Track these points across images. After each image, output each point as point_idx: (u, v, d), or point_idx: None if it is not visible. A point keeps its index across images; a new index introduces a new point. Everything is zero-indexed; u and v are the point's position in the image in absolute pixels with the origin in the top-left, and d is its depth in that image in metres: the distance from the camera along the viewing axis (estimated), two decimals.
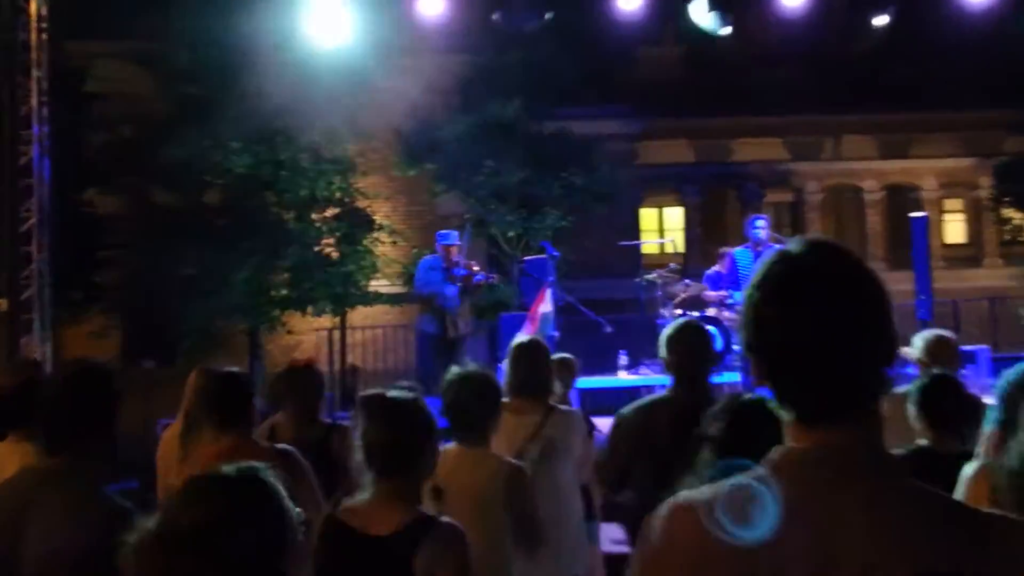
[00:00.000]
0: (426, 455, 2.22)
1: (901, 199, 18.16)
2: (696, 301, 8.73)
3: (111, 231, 12.07)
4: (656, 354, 3.29)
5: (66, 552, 2.02)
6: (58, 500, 2.10)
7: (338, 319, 12.26)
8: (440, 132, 12.11)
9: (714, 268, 8.64)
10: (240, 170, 10.92)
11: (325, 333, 12.39)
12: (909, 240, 10.50)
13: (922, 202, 17.72)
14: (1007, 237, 18.35)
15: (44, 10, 7.91)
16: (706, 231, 17.68)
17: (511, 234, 12.45)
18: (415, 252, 12.26)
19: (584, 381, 6.96)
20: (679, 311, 8.81)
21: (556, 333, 8.04)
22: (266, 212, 11.42)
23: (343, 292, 11.58)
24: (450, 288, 7.93)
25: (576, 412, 3.62)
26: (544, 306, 7.87)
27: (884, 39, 9.63)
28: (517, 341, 3.58)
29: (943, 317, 10.83)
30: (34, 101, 7.83)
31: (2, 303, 7.75)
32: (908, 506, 1.08)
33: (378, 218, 12.38)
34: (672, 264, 9.65)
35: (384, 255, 12.29)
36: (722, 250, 8.66)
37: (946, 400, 2.80)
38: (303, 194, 11.36)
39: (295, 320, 11.96)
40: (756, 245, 8.11)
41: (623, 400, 9.50)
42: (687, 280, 9.02)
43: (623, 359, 9.04)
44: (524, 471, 2.86)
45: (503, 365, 3.56)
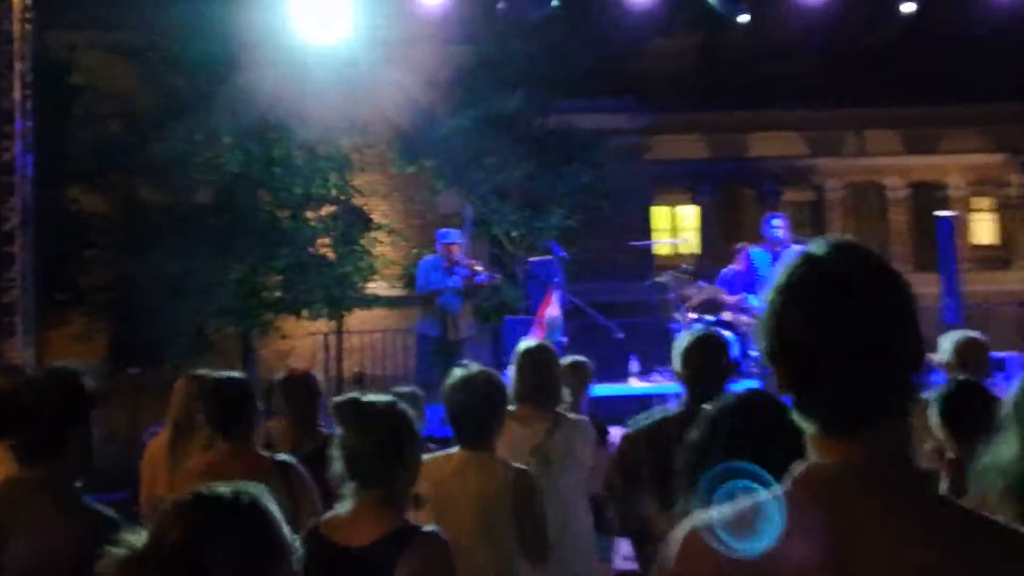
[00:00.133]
0: (408, 462, 2.22)
1: (927, 197, 18.11)
2: (711, 304, 8.71)
3: (97, 230, 12.10)
4: (669, 360, 3.29)
5: (51, 563, 2.04)
6: (40, 511, 2.12)
7: (334, 323, 12.28)
8: (440, 127, 12.13)
9: (730, 267, 8.63)
10: (231, 167, 10.94)
11: (321, 338, 12.41)
12: (935, 240, 10.49)
13: (949, 200, 17.68)
14: None
15: None
16: (721, 231, 17.66)
17: (515, 234, 12.46)
18: (415, 252, 12.28)
19: (593, 388, 6.94)
20: (693, 315, 8.80)
21: (564, 338, 8.04)
22: (259, 211, 11.44)
23: (339, 294, 11.60)
24: (451, 279, 7.93)
25: (585, 421, 3.63)
26: (551, 310, 7.87)
27: (910, 28, 9.61)
28: (523, 346, 3.59)
29: (971, 322, 10.78)
30: (17, 95, 7.84)
31: None
32: (932, 522, 1.08)
33: (376, 217, 12.40)
34: (685, 265, 9.64)
35: (382, 256, 12.30)
36: (739, 246, 8.65)
37: (971, 408, 2.70)
38: (297, 192, 11.38)
39: (289, 324, 11.98)
40: (774, 245, 8.10)
41: (634, 409, 9.49)
42: (701, 282, 9.01)
43: (634, 365, 9.03)
44: (532, 476, 2.87)
45: (508, 371, 3.56)
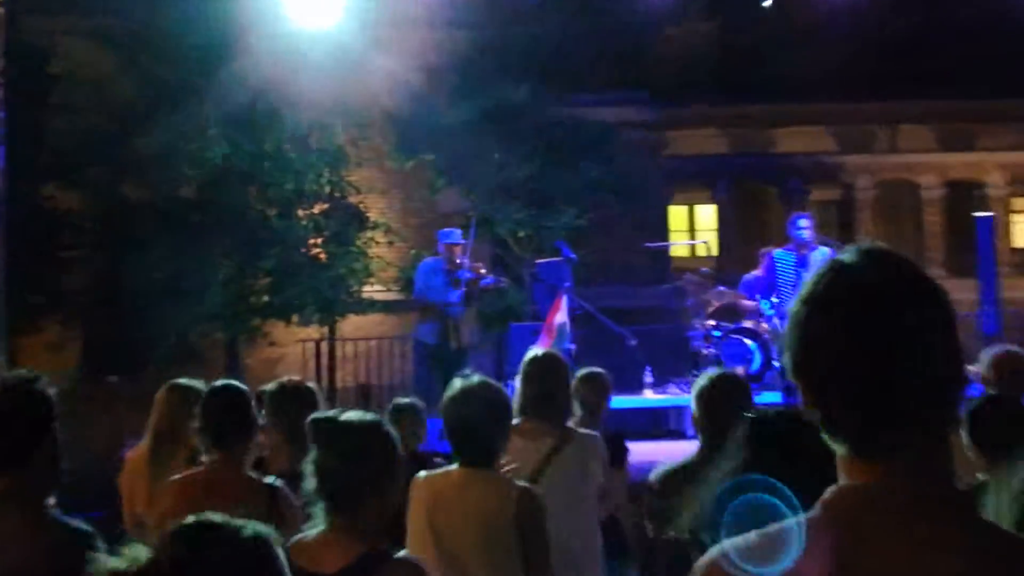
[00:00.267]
0: (384, 488, 2.24)
1: (964, 197, 18.06)
2: (731, 310, 8.70)
3: (74, 229, 12.13)
4: (686, 371, 3.30)
5: None
6: (5, 523, 2.13)
7: (326, 329, 12.28)
8: (441, 119, 12.13)
9: (753, 273, 8.62)
10: (217, 161, 10.96)
11: (312, 345, 12.40)
12: (973, 243, 10.47)
13: (988, 200, 17.62)
14: None
15: None
16: (742, 232, 17.63)
17: (521, 234, 12.45)
18: (413, 253, 12.28)
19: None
20: (712, 322, 8.79)
21: (573, 346, 8.04)
22: (246, 208, 11.45)
23: (332, 298, 11.60)
24: (453, 293, 7.93)
25: (596, 436, 3.62)
26: (560, 316, 7.86)
27: (947, 14, 9.60)
28: (531, 354, 3.58)
29: (1011, 330, 10.76)
30: None
31: None
32: (975, 548, 1.07)
33: (372, 215, 12.40)
34: (704, 268, 9.64)
35: (379, 257, 12.30)
36: (763, 251, 8.64)
37: (1000, 425, 2.64)
38: (288, 188, 11.39)
39: (278, 330, 11.98)
40: (799, 247, 8.10)
41: (648, 423, 9.48)
42: (721, 286, 9.00)
43: (648, 376, 9.02)
44: (538, 495, 2.86)
45: (514, 382, 3.56)
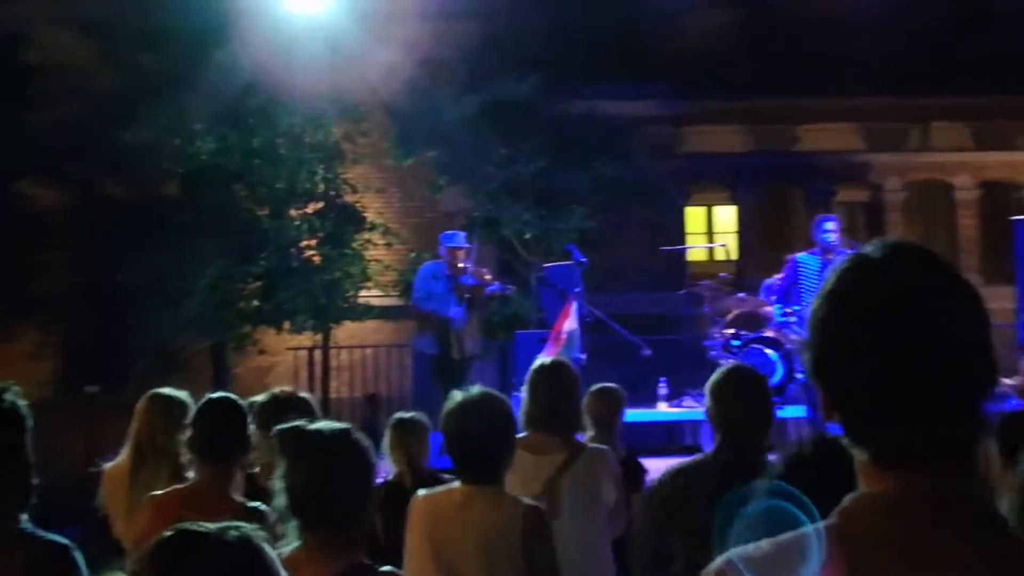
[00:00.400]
0: (360, 499, 2.26)
1: (1001, 199, 18.00)
2: (752, 319, 8.71)
3: (51, 229, 12.16)
4: (703, 382, 3.30)
5: None
6: None
7: (320, 337, 12.29)
8: (443, 113, 12.15)
9: (775, 278, 8.63)
10: (204, 157, 10.99)
11: (304, 354, 12.42)
12: (1010, 248, 10.42)
13: None
14: None
15: None
16: (765, 234, 17.61)
17: (528, 236, 12.45)
18: (413, 257, 12.29)
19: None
20: (731, 330, 8.79)
21: (583, 356, 8.05)
22: (235, 207, 11.48)
23: (326, 304, 11.61)
24: (455, 310, 7.94)
25: (607, 451, 3.63)
26: (569, 323, 7.87)
27: (982, 6, 9.58)
28: (538, 364, 3.60)
29: None
30: None
31: None
32: (1002, 563, 1.07)
33: (369, 216, 12.42)
34: (723, 273, 9.64)
35: (376, 260, 12.31)
36: (788, 257, 8.65)
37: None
38: (279, 186, 11.42)
39: (268, 338, 12.00)
40: (825, 252, 8.11)
41: (662, 438, 9.50)
42: (741, 293, 9.00)
43: (663, 388, 9.02)
44: (545, 514, 2.88)
45: (520, 393, 3.56)
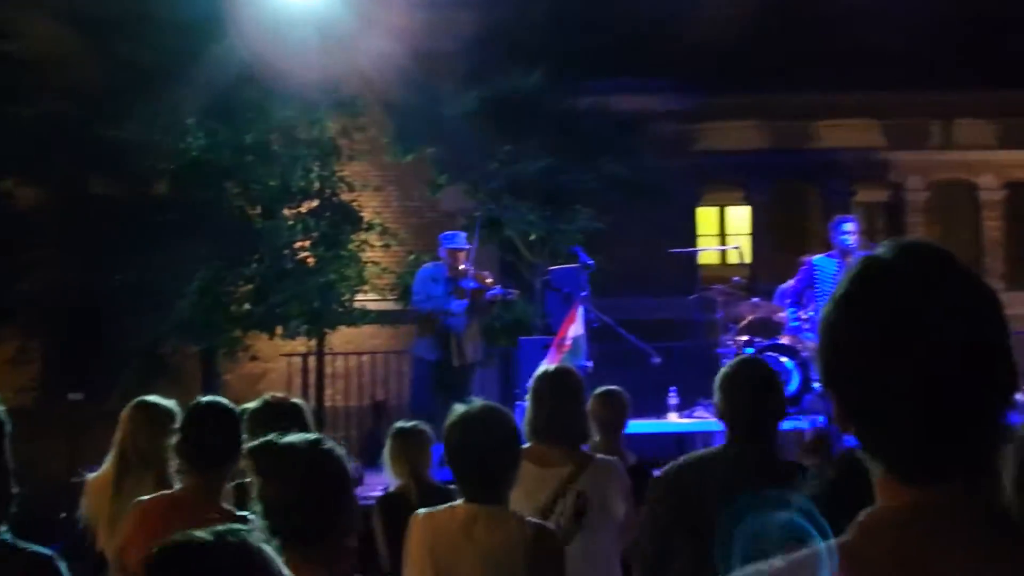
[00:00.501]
0: (338, 513, 2.29)
1: None
2: (767, 325, 8.70)
3: (35, 229, 12.18)
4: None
5: None
6: None
7: (314, 342, 12.30)
8: (443, 109, 12.16)
9: (790, 282, 8.62)
10: (193, 153, 11.00)
11: (298, 360, 12.43)
12: None
13: None
14: None
15: None
16: (779, 236, 17.60)
17: (532, 237, 12.46)
18: (412, 258, 12.30)
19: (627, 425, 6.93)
20: (744, 337, 8.78)
21: (589, 363, 8.04)
22: (225, 206, 11.49)
23: (321, 308, 11.62)
24: (456, 304, 7.94)
25: (617, 462, 3.62)
26: (575, 328, 7.87)
27: None
28: (542, 371, 3.59)
29: None
30: None
31: None
32: None
33: (366, 215, 12.43)
34: (736, 277, 9.63)
35: (373, 262, 12.32)
36: (803, 259, 8.65)
37: None
38: (272, 184, 11.44)
39: (261, 343, 12.01)
40: (843, 254, 8.12)
41: (672, 450, 9.50)
42: (755, 298, 9.00)
43: (674, 397, 9.01)
44: (553, 534, 2.88)
45: (524, 402, 3.56)
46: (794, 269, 8.93)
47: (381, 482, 7.59)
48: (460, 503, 2.85)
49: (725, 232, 19.05)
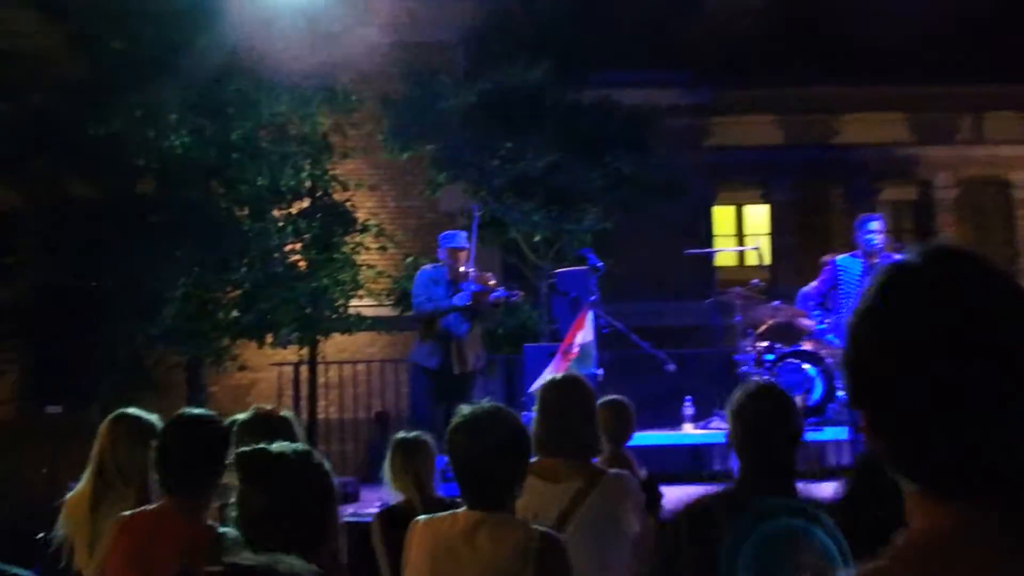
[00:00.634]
0: (321, 527, 2.37)
1: None
2: (788, 330, 8.70)
3: (11, 231, 12.20)
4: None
5: None
6: None
7: (306, 351, 12.30)
8: (443, 103, 12.17)
9: (812, 284, 8.63)
10: (178, 151, 11.01)
11: (289, 370, 12.43)
12: None
13: None
14: None
15: None
16: (801, 237, 17.61)
17: (537, 238, 12.45)
18: (409, 261, 12.30)
19: (637, 436, 6.92)
20: (764, 343, 8.78)
21: (599, 371, 8.03)
22: (212, 207, 11.49)
23: (313, 315, 11.62)
24: (460, 297, 7.92)
25: (629, 477, 3.61)
26: (583, 334, 7.86)
27: None
28: (550, 380, 3.58)
29: None
30: None
31: None
32: None
33: (360, 216, 12.44)
34: (755, 280, 9.63)
35: (368, 265, 12.32)
36: (826, 258, 8.65)
37: None
38: (261, 184, 11.44)
39: (249, 352, 12.01)
40: (868, 255, 8.13)
41: (687, 463, 9.48)
42: (776, 302, 9.00)
43: (689, 408, 9.00)
44: (561, 543, 2.86)
45: (530, 413, 3.55)
46: (816, 271, 8.93)
47: (379, 497, 7.59)
48: (463, 511, 2.85)
49: (743, 232, 19.06)
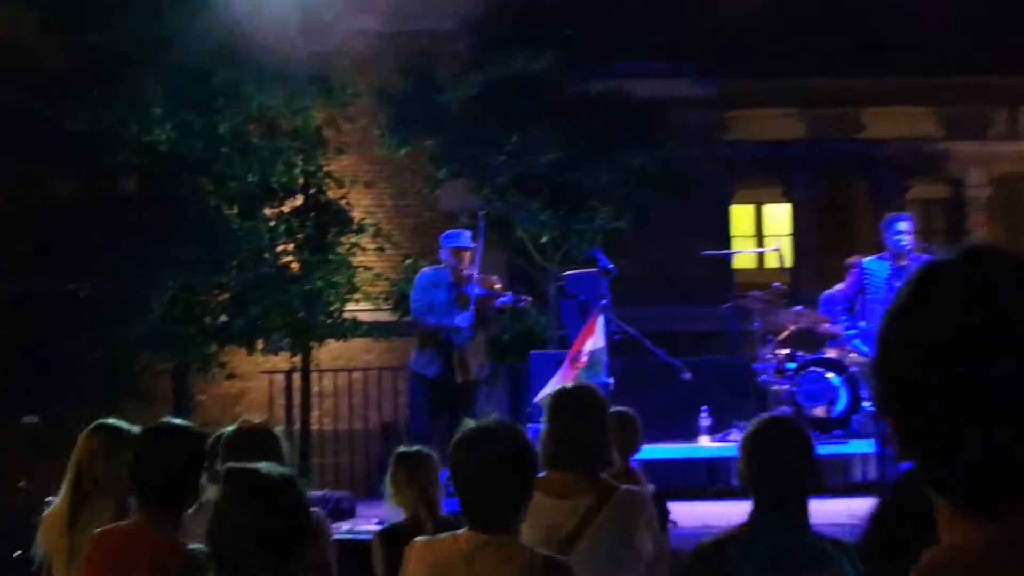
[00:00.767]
0: (292, 551, 2.56)
1: None
2: (810, 337, 8.70)
3: None
4: (752, 412, 3.30)
5: None
6: None
7: (299, 358, 12.31)
8: (443, 95, 12.18)
9: (837, 287, 8.62)
10: (162, 147, 11.03)
11: (280, 378, 12.44)
12: None
13: None
14: None
15: None
16: (825, 237, 17.60)
17: (544, 239, 12.46)
18: (408, 263, 12.30)
19: (650, 449, 6.92)
20: (786, 351, 8.77)
21: (610, 380, 8.03)
22: (199, 205, 11.51)
23: (306, 320, 11.64)
24: (462, 318, 7.91)
25: (644, 494, 3.61)
26: (593, 341, 7.86)
27: None
28: (560, 389, 3.58)
29: None
30: None
31: None
32: None
33: (356, 215, 12.45)
34: (776, 283, 9.62)
35: (364, 267, 12.33)
36: (851, 260, 8.64)
37: None
38: (250, 180, 11.46)
39: (238, 359, 12.02)
40: (896, 257, 8.14)
41: (703, 477, 9.49)
42: (798, 306, 9.00)
43: (705, 418, 8.99)
44: (567, 568, 2.85)
45: (538, 424, 3.55)
46: (840, 273, 8.92)
47: (376, 514, 7.59)
48: (465, 531, 2.84)
49: (762, 232, 19.07)
